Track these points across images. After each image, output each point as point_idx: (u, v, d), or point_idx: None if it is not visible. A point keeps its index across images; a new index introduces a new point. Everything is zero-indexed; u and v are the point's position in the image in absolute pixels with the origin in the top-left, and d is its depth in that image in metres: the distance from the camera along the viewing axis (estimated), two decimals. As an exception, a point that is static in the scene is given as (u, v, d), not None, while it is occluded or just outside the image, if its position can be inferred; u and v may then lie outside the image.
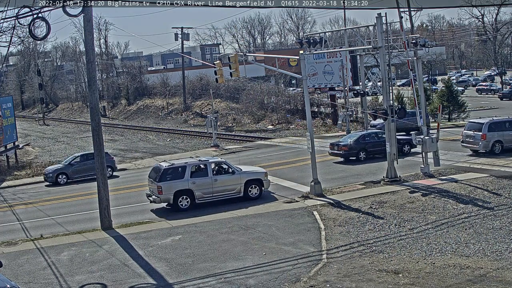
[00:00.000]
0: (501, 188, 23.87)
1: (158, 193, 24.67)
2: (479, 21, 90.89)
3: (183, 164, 25.53)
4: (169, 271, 17.37)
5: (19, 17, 19.62)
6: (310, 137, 25.89)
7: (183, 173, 25.07)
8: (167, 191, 24.67)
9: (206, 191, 25.23)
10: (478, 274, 15.80)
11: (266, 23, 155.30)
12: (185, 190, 24.95)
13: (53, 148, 56.94)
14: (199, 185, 25.12)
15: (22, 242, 21.68)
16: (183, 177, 24.99)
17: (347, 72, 47.59)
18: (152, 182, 25.33)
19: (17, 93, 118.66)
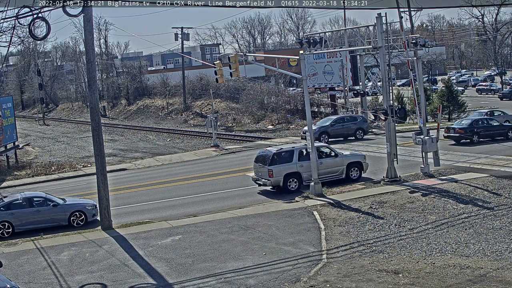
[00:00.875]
0: (501, 188, 23.87)
1: (269, 176, 26.29)
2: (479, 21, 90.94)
3: (290, 148, 27.33)
4: (169, 271, 17.37)
5: (19, 17, 19.62)
6: (310, 137, 25.89)
7: (291, 157, 26.76)
8: (277, 174, 26.32)
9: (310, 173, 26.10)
10: (478, 274, 15.80)
11: (266, 23, 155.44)
12: (294, 173, 26.58)
13: (53, 148, 56.91)
14: (306, 168, 26.42)
15: (22, 242, 21.68)
16: (291, 160, 26.68)
17: (347, 72, 47.58)
18: (262, 166, 26.90)
19: (17, 93, 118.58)
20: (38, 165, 43.10)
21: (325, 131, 41.33)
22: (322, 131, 41.02)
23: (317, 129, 40.22)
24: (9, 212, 23.38)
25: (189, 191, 28.93)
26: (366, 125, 43.02)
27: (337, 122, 42.29)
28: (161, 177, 34.30)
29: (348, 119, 42.88)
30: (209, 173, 34.38)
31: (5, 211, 23.35)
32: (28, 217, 23.61)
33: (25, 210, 23.70)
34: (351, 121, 42.62)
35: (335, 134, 41.69)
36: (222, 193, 28.23)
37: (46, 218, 23.75)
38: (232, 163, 37.29)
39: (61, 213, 23.94)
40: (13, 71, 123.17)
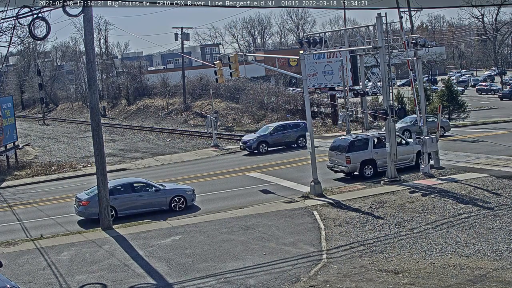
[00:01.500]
0: (501, 188, 23.87)
1: (347, 162, 27.79)
2: (479, 21, 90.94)
3: (366, 137, 28.68)
4: (169, 271, 17.37)
5: (19, 17, 19.62)
6: (310, 137, 25.90)
7: (366, 145, 28.18)
8: (354, 161, 27.81)
9: (386, 160, 27.14)
10: (478, 274, 15.80)
11: (266, 23, 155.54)
12: (369, 159, 28.05)
13: (53, 148, 56.90)
14: (380, 155, 27.86)
15: (22, 242, 21.68)
16: (367, 148, 28.08)
17: (347, 72, 47.52)
18: (339, 153, 28.45)
19: (17, 93, 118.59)
20: (38, 165, 43.10)
21: (263, 141, 39.74)
22: (260, 140, 39.66)
23: (255, 139, 39.68)
24: (113, 197, 23.94)
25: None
26: None
27: (277, 130, 40.51)
28: (161, 177, 34.28)
29: (290, 126, 41.05)
30: (209, 173, 34.40)
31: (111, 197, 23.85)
32: (130, 202, 24.59)
33: (128, 195, 24.63)
34: (293, 128, 40.77)
35: (275, 142, 40.11)
36: (222, 193, 28.23)
37: (148, 202, 24.72)
38: (232, 163, 37.30)
39: (163, 197, 24.93)
40: (13, 71, 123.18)
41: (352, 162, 27.75)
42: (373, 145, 28.19)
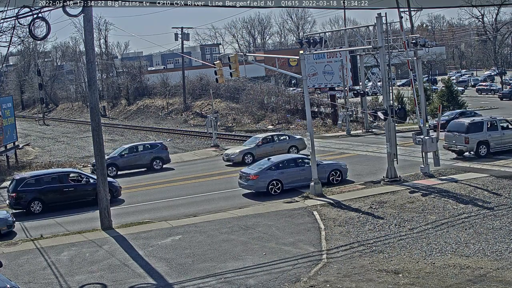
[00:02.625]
0: (501, 188, 23.87)
1: (465, 142, 30.26)
2: (479, 21, 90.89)
3: (481, 120, 31.73)
4: (169, 271, 17.37)
5: (19, 17, 19.62)
6: (310, 137, 25.89)
7: (481, 127, 30.61)
8: (472, 142, 30.18)
9: (497, 142, 30.51)
10: (478, 274, 15.80)
11: (266, 23, 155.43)
12: (484, 141, 30.48)
13: (53, 148, 56.91)
14: (493, 138, 30.58)
15: (22, 242, 21.68)
16: (482, 130, 30.56)
17: (347, 72, 47.56)
18: (457, 134, 30.86)
19: (17, 93, 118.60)
20: (38, 165, 43.09)
21: (113, 163, 35.02)
22: (109, 163, 33.73)
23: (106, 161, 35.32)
24: (279, 171, 26.60)
25: (189, 191, 28.93)
26: (166, 153, 37.39)
27: (130, 151, 36.55)
28: (161, 177, 34.29)
29: (144, 148, 37.19)
30: (209, 173, 34.39)
31: (276, 171, 26.56)
32: (294, 175, 26.83)
33: (292, 169, 27.00)
34: (147, 150, 36.87)
35: (127, 165, 35.91)
36: (222, 193, 28.23)
37: (309, 176, 26.13)
38: (232, 163, 37.26)
39: (323, 171, 26.90)
40: (13, 71, 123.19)
41: (470, 142, 30.18)
42: (487, 128, 30.60)
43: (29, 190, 26.52)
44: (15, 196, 26.38)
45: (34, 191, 26.51)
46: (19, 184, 26.63)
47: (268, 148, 36.59)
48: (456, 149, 31.17)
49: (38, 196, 26.51)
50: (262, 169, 26.63)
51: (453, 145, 31.26)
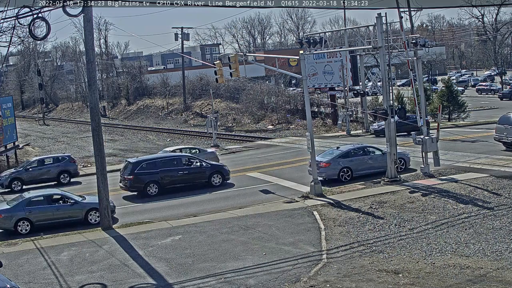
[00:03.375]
0: (501, 188, 23.87)
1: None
2: (479, 21, 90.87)
3: None
4: (169, 271, 17.37)
5: (19, 17, 19.61)
6: (310, 137, 25.89)
7: None
8: None
9: None
10: (478, 274, 15.81)
11: (266, 23, 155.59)
12: None
13: (53, 148, 56.92)
14: None
15: (22, 242, 21.68)
16: None
17: (347, 72, 47.56)
18: (508, 127, 31.64)
19: (17, 93, 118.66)
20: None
21: (17, 177, 34.07)
22: (13, 177, 33.87)
23: (7, 175, 34.34)
24: (349, 159, 27.90)
25: (189, 191, 28.91)
26: (74, 166, 35.96)
27: (38, 165, 35.13)
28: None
29: (53, 160, 35.71)
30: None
31: (344, 159, 27.84)
32: (363, 164, 28.11)
33: (361, 157, 28.24)
34: (53, 163, 35.42)
35: (32, 179, 34.38)
36: (222, 193, 28.23)
37: (376, 165, 27.97)
38: (232, 163, 37.25)
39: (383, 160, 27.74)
40: (13, 71, 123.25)
41: None
42: None
43: (146, 173, 28.12)
44: (132, 179, 27.90)
45: (150, 174, 28.10)
46: (136, 167, 28.17)
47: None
48: (507, 140, 32.11)
49: (154, 179, 27.99)
50: (333, 157, 27.97)
51: (504, 137, 32.20)
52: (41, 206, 23.77)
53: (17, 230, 23.20)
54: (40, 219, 23.56)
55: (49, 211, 23.74)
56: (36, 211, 23.53)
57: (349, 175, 27.74)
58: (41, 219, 23.56)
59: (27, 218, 23.32)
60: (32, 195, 24.45)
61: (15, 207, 23.46)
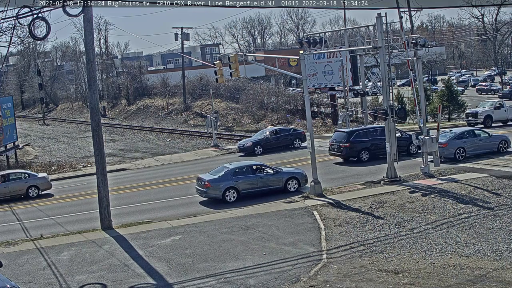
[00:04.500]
0: (501, 188, 23.87)
1: None
2: (479, 21, 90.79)
3: None
4: (169, 271, 17.37)
5: (19, 17, 19.62)
6: (310, 137, 25.90)
7: None
8: None
9: None
10: (478, 274, 15.81)
11: (266, 23, 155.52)
12: None
13: (53, 148, 56.93)
14: None
15: (22, 242, 21.69)
16: None
17: (347, 72, 47.50)
18: None
19: (17, 93, 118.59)
20: (38, 165, 43.12)
21: None
22: None
23: None
24: (463, 140, 30.04)
25: (189, 191, 28.90)
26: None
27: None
28: (161, 177, 34.31)
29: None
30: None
31: (459, 140, 29.96)
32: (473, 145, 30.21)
33: (472, 139, 30.41)
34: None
35: None
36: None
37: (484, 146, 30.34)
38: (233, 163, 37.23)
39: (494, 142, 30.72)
40: (13, 71, 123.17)
41: None
42: None
43: (359, 141, 31.72)
44: (348, 146, 31.39)
45: (363, 142, 31.56)
46: (351, 136, 31.69)
47: None
48: None
49: (366, 146, 31.29)
50: (449, 139, 30.10)
51: None
52: (246, 175, 26.04)
53: (224, 199, 25.49)
54: (245, 188, 25.83)
55: (253, 180, 26.02)
56: (242, 180, 25.82)
57: (463, 155, 29.86)
58: (246, 188, 25.83)
59: (234, 187, 25.56)
60: (236, 166, 26.60)
61: (223, 177, 25.70)
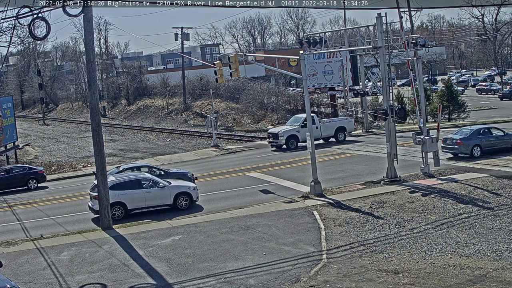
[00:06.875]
0: (501, 188, 23.87)
1: None
2: (479, 21, 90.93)
3: None
4: (169, 271, 17.37)
5: (19, 17, 19.63)
6: (310, 137, 25.90)
7: None
8: None
9: None
10: (478, 274, 15.81)
11: (266, 23, 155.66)
12: None
13: (53, 148, 56.94)
14: None
15: (22, 242, 21.68)
16: None
17: (347, 72, 47.53)
18: None
19: (17, 93, 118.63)
20: (38, 165, 43.09)
21: None
22: None
23: None
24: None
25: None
26: None
27: None
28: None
29: None
30: (209, 173, 34.38)
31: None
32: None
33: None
34: None
35: None
36: (222, 193, 28.23)
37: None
38: (232, 163, 37.29)
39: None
40: (13, 71, 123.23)
41: None
42: None
43: None
44: None
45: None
46: None
47: None
48: None
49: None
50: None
51: None
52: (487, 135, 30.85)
53: (472, 155, 30.05)
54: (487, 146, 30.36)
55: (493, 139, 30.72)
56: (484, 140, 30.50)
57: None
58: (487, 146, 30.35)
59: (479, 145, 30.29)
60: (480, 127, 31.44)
61: (471, 136, 30.42)
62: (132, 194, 24.37)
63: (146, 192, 24.58)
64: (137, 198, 24.43)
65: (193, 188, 25.61)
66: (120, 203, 24.15)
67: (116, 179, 24.93)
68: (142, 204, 24.58)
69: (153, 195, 24.65)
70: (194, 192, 25.46)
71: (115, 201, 23.73)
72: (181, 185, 25.63)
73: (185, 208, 24.94)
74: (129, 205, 24.40)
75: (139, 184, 24.79)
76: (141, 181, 24.92)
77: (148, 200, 24.61)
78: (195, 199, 25.48)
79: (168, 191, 24.91)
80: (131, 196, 24.33)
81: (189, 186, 25.78)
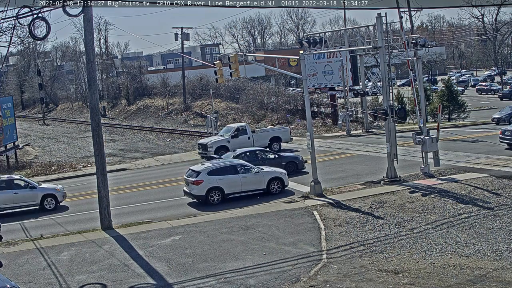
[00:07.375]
0: (501, 188, 23.87)
1: None
2: (479, 21, 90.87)
3: None
4: (169, 271, 17.37)
5: (19, 17, 19.62)
6: (310, 137, 25.90)
7: None
8: None
9: None
10: (478, 274, 15.81)
11: (266, 23, 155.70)
12: None
13: (53, 148, 56.87)
14: None
15: (22, 242, 21.68)
16: None
17: (347, 72, 47.55)
18: None
19: (17, 93, 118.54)
20: (38, 165, 43.08)
21: None
22: None
23: None
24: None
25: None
26: None
27: None
28: (161, 177, 34.30)
29: None
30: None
31: None
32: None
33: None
34: None
35: None
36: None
37: None
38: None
39: None
40: (13, 71, 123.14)
41: None
42: None
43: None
44: None
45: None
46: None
47: None
48: None
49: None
50: None
51: None
52: None
53: None
54: None
55: None
56: None
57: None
58: None
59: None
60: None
61: None
62: (229, 179, 25.70)
63: (242, 177, 25.92)
64: (234, 183, 25.76)
65: (284, 174, 26.84)
66: (218, 187, 25.47)
67: (212, 165, 26.10)
68: (238, 189, 25.89)
69: (248, 180, 25.98)
70: (285, 178, 26.66)
71: (213, 185, 25.27)
72: (274, 171, 26.88)
73: (277, 193, 26.18)
74: (227, 190, 25.63)
75: (235, 169, 26.16)
76: (237, 167, 26.29)
77: (243, 185, 25.93)
78: (286, 184, 26.65)
79: (262, 176, 26.20)
80: (228, 181, 25.65)
81: (281, 171, 27.00)
